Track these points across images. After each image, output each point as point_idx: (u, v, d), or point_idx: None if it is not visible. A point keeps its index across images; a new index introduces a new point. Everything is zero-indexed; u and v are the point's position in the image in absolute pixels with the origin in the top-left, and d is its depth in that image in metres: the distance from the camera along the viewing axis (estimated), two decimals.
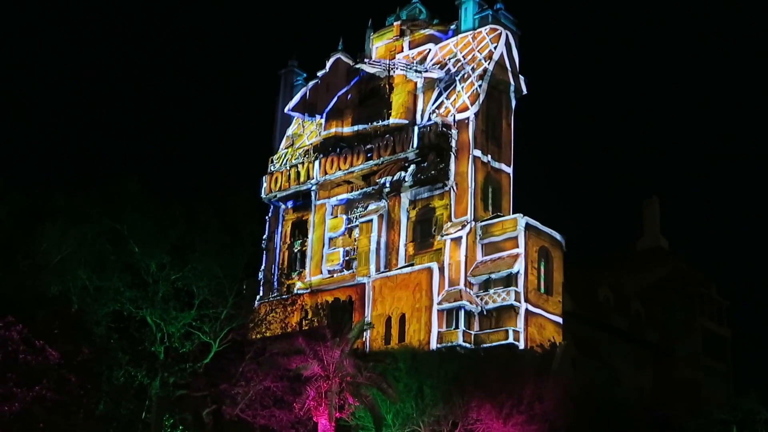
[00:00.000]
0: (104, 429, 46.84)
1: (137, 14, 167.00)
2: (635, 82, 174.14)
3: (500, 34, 71.00)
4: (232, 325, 50.54)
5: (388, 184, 70.62)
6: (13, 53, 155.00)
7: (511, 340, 62.02)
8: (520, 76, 71.93)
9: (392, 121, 72.77)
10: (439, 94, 71.41)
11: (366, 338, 65.07)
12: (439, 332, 63.57)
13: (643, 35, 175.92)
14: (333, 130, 76.29)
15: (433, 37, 75.03)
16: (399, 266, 68.65)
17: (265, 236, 75.88)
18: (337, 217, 73.90)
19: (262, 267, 75.19)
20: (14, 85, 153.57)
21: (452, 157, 68.21)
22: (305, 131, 79.80)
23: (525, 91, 72.28)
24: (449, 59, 72.31)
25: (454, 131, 68.75)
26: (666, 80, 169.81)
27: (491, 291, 64.16)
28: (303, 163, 76.16)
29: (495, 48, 70.50)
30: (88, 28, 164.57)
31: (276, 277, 73.57)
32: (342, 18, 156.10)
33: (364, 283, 68.91)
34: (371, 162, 71.37)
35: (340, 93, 77.28)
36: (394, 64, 74.03)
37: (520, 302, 63.17)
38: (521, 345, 62.30)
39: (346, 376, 47.66)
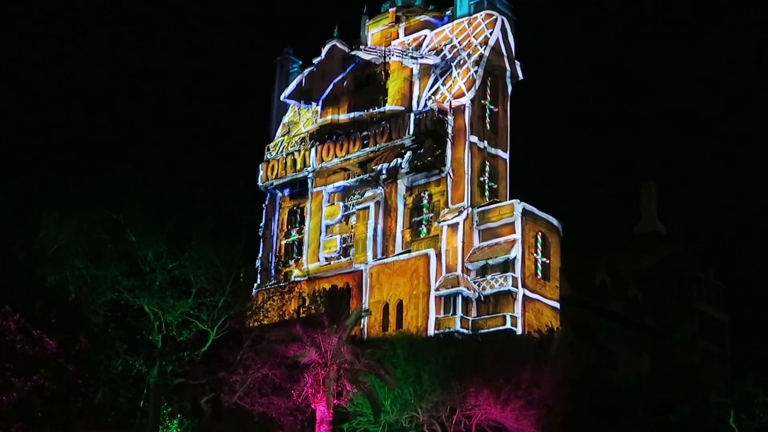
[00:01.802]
0: (102, 418, 46.91)
1: (131, 3, 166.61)
2: (631, 66, 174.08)
3: (496, 19, 70.82)
4: (230, 314, 50.62)
5: (384, 171, 70.50)
6: (10, 45, 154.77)
7: (508, 325, 62.10)
8: (516, 61, 71.83)
9: (388, 107, 72.60)
10: (435, 80, 71.30)
11: (363, 325, 65.17)
12: (436, 318, 63.66)
13: (638, 19, 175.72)
14: (329, 117, 76.11)
15: (428, 23, 74.88)
16: (396, 253, 68.66)
17: (262, 224, 75.99)
18: (333, 204, 73.87)
19: (259, 255, 75.17)
20: (10, 75, 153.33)
21: (448, 143, 68.16)
22: (301, 119, 79.69)
23: (521, 77, 72.21)
24: (445, 45, 72.17)
25: (450, 117, 68.69)
26: (663, 63, 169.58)
27: (488, 277, 64.21)
28: (299, 150, 76.04)
29: (491, 33, 70.35)
30: (83, 17, 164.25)
31: (273, 264, 73.54)
32: (337, 5, 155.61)
33: (362, 270, 68.92)
34: (368, 149, 71.29)
35: (335, 80, 77.07)
36: (389, 51, 73.81)
37: (517, 288, 63.23)
38: (519, 330, 62.40)
39: (343, 363, 47.65)
